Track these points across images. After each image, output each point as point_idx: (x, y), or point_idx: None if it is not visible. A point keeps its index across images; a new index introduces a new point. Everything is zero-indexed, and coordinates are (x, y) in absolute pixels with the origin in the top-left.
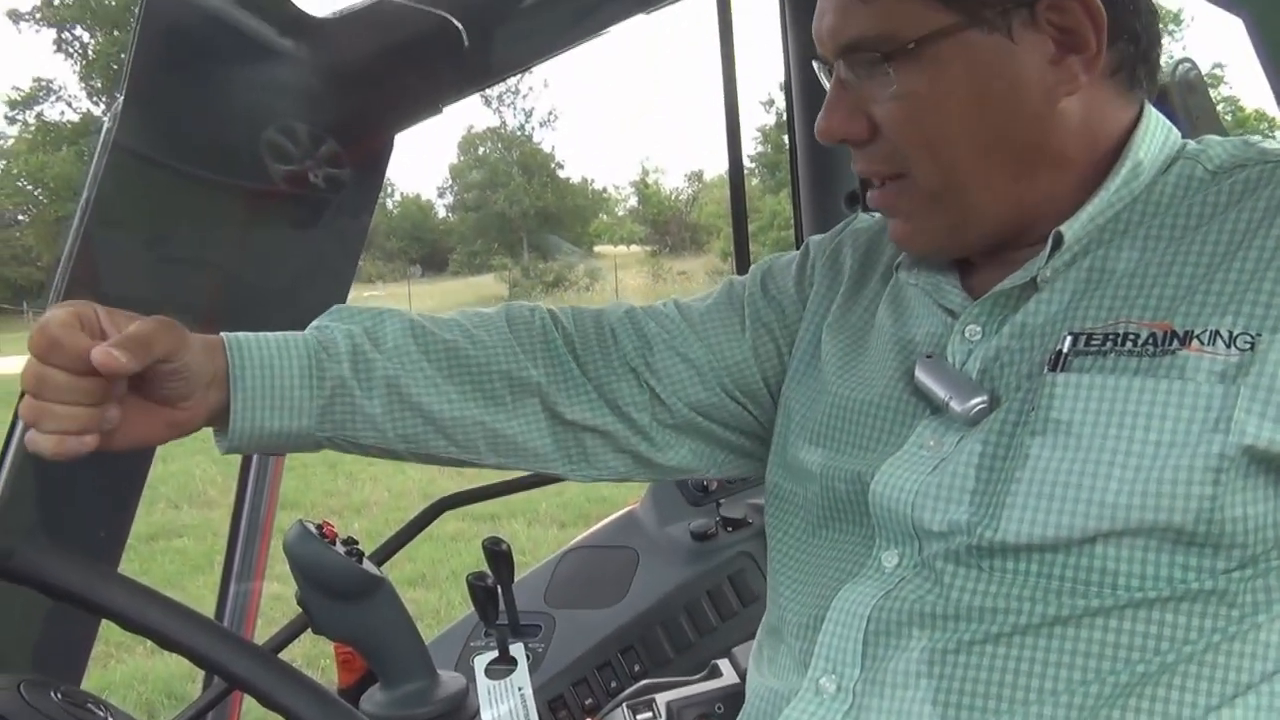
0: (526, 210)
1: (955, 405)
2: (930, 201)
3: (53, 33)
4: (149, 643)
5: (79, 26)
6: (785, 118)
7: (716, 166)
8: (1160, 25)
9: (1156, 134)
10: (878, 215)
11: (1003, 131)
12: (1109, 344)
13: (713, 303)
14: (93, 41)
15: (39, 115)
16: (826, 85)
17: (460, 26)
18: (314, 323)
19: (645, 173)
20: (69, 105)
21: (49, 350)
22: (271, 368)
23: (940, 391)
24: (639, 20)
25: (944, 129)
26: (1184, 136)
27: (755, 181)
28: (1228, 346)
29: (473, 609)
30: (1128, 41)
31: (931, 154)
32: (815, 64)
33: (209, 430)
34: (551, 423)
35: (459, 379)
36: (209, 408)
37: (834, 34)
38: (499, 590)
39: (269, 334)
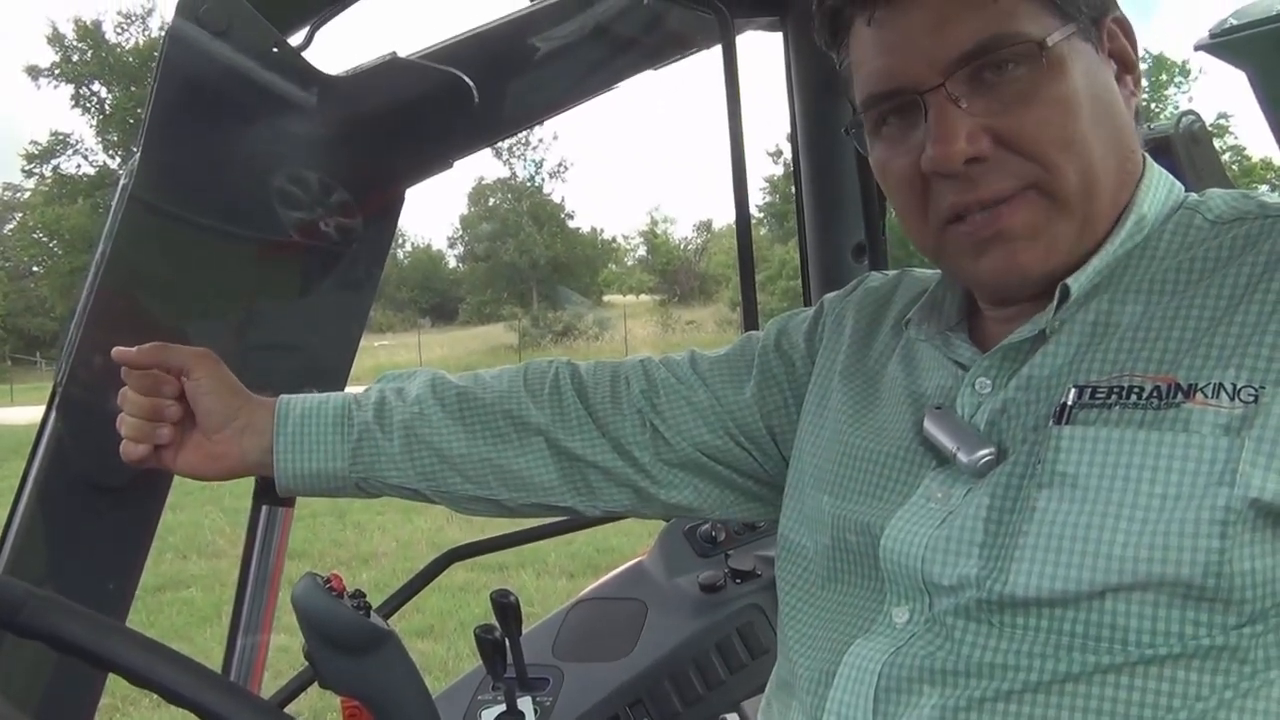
0: (536, 260)
1: (962, 457)
2: (1058, 210)
3: (70, 88)
4: (155, 695)
5: (97, 82)
6: (792, 168)
7: (725, 216)
8: (1169, 77)
9: (1160, 188)
10: (890, 273)
11: (1115, 134)
12: (1113, 397)
13: (725, 354)
14: (110, 96)
15: (55, 168)
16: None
17: (471, 83)
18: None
19: (654, 222)
20: (85, 159)
21: (128, 373)
22: (310, 416)
23: (948, 443)
24: (647, 75)
25: (1080, 129)
26: (1188, 189)
27: (763, 231)
28: (1231, 399)
29: (480, 662)
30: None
31: (1073, 154)
32: (874, 111)
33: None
34: (557, 458)
35: (468, 420)
36: (243, 449)
37: (955, 44)
38: (507, 643)
39: (313, 394)
